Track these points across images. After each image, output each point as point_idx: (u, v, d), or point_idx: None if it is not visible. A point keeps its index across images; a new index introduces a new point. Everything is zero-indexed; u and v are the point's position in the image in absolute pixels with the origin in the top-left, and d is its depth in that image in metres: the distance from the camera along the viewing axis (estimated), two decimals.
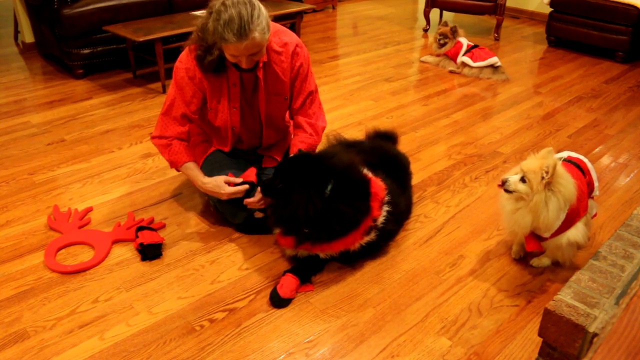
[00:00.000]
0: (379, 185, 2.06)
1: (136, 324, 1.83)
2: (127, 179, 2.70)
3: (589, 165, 2.09)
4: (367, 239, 2.01)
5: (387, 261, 2.15)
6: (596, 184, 2.09)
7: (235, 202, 2.17)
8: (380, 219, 2.03)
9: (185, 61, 2.09)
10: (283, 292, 1.91)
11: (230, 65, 2.06)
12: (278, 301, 1.91)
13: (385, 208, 2.05)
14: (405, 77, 4.20)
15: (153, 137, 2.21)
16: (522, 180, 1.86)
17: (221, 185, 2.11)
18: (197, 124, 2.37)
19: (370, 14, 6.22)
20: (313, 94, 2.26)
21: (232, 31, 1.83)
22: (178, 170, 2.24)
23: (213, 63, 2.03)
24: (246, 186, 2.12)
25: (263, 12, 1.90)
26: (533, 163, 1.85)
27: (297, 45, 2.15)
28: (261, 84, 2.14)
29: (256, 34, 1.87)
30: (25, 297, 1.93)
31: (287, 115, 2.37)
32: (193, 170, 2.18)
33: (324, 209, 1.88)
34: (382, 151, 2.40)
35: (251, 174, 2.21)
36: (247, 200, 2.11)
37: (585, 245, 2.16)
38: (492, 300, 1.96)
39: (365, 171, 2.08)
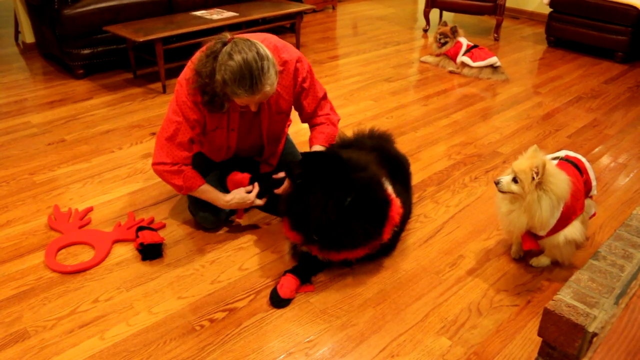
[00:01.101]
0: (396, 208, 2.00)
1: (136, 323, 1.83)
2: (128, 179, 2.70)
3: (587, 164, 2.09)
4: (368, 251, 2.02)
5: (387, 261, 2.15)
6: (594, 183, 2.09)
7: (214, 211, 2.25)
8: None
9: (186, 86, 2.03)
10: (283, 292, 1.91)
11: None
12: (278, 301, 1.91)
13: (395, 229, 2.03)
14: (405, 77, 4.21)
15: (157, 164, 2.10)
16: (514, 180, 1.87)
17: (245, 196, 2.19)
18: None
19: (370, 14, 6.22)
20: (324, 99, 2.28)
21: (244, 87, 1.83)
22: (184, 194, 2.20)
23: (222, 109, 2.03)
24: (257, 187, 2.22)
25: (271, 60, 1.87)
26: (523, 163, 1.86)
27: (297, 61, 2.13)
28: (264, 107, 2.14)
29: (267, 88, 1.88)
30: (25, 297, 1.94)
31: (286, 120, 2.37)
32: (211, 192, 2.18)
33: (337, 223, 1.86)
34: (383, 152, 2.39)
35: (243, 178, 2.24)
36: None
37: (583, 244, 2.16)
38: (492, 300, 1.96)
39: (390, 190, 2.02)
